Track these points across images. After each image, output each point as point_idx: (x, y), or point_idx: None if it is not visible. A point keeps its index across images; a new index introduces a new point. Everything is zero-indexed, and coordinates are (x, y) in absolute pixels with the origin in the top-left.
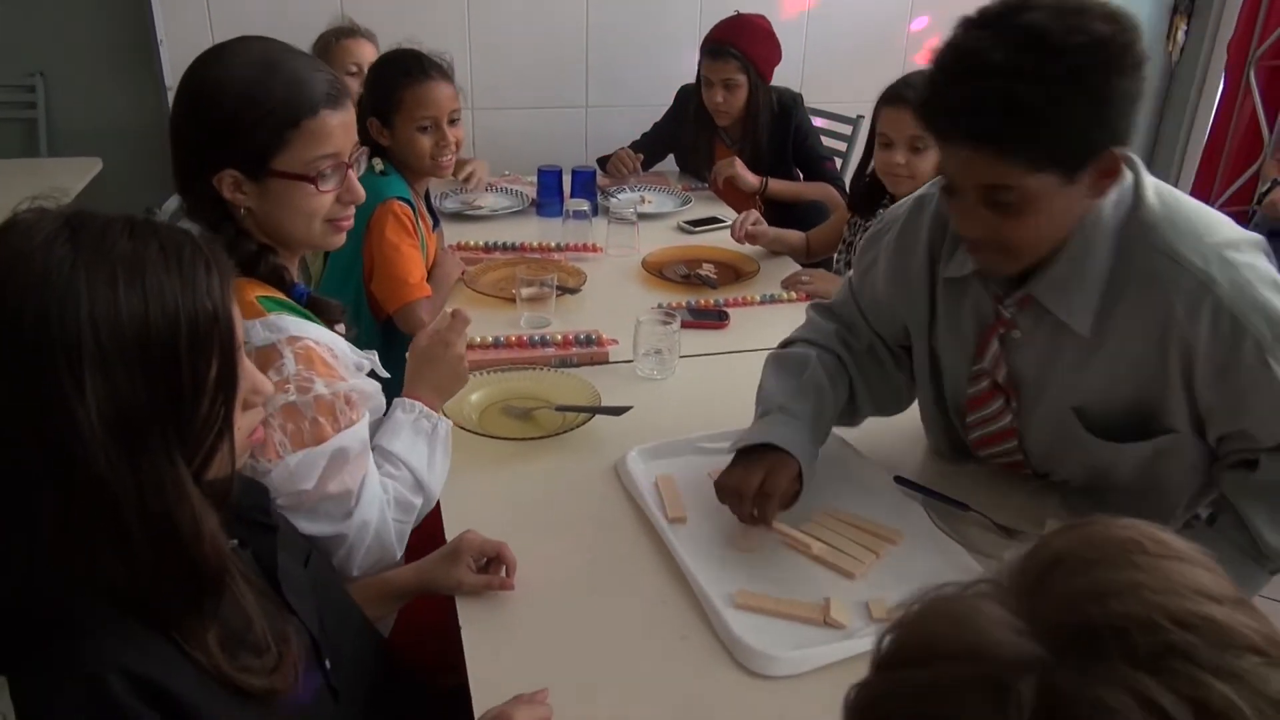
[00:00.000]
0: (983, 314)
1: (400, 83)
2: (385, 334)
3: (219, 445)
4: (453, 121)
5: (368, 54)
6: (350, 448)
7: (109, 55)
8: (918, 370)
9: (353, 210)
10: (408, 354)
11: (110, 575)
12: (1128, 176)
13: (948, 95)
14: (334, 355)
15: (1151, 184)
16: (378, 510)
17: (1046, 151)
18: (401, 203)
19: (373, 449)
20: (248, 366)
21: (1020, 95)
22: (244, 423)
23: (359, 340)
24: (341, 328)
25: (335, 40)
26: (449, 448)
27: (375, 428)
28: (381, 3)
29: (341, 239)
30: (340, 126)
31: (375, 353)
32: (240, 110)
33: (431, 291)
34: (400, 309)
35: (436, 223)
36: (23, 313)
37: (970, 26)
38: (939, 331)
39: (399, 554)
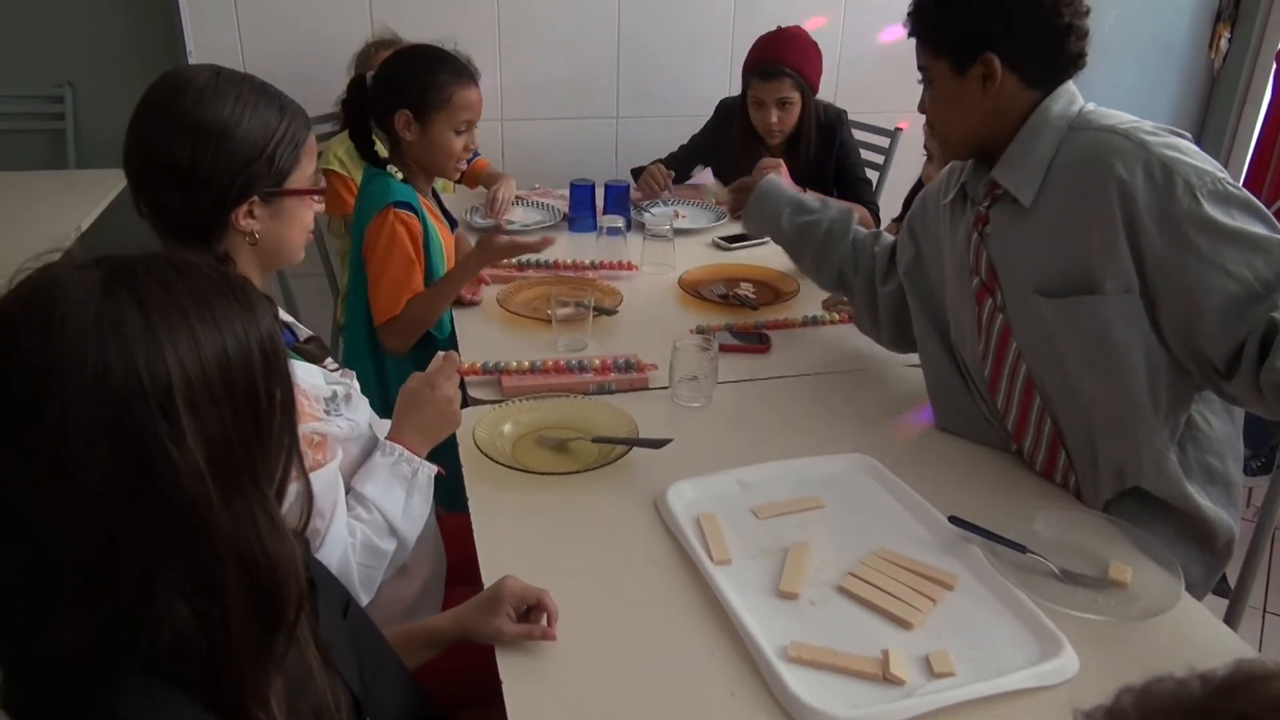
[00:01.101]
0: (970, 225)
1: (452, 83)
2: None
3: (290, 466)
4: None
5: None
6: (316, 491)
7: (138, 66)
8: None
9: None
10: (398, 395)
11: (183, 629)
12: (1078, 98)
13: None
14: (304, 395)
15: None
16: (340, 553)
17: (938, 41)
18: (402, 208)
19: (348, 490)
20: None
21: (929, 3)
22: None
23: (385, 355)
24: (332, 362)
25: (376, 50)
26: (429, 494)
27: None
28: (412, 13)
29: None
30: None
31: (354, 373)
32: (263, 139)
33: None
34: (383, 325)
35: (454, 224)
36: (110, 370)
37: None
38: (941, 258)
39: (364, 600)
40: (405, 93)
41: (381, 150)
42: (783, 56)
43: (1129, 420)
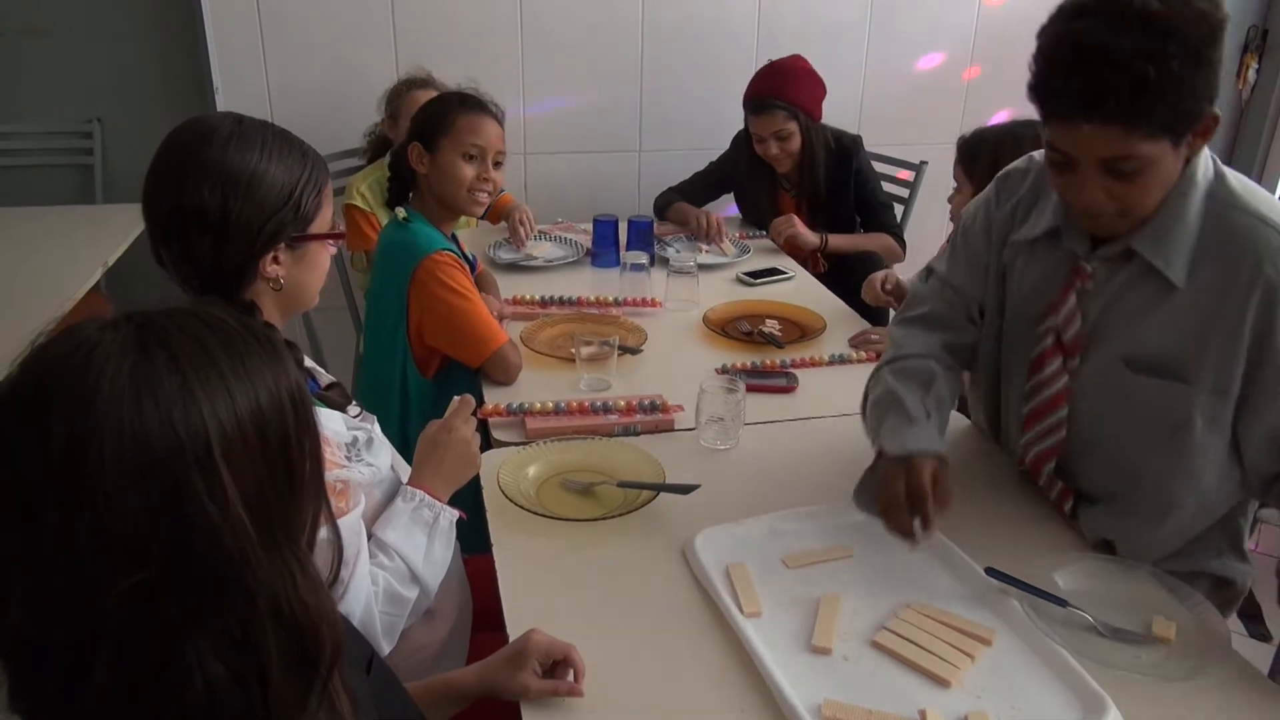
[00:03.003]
0: (1052, 272)
1: (456, 109)
2: (437, 390)
3: (319, 515)
4: (497, 164)
5: None
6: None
7: (166, 103)
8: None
9: None
10: (418, 441)
11: (217, 687)
12: (1207, 152)
13: (1071, 80)
14: (327, 441)
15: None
16: (363, 603)
17: (1165, 122)
18: (446, 251)
19: (369, 537)
20: None
21: (1145, 76)
22: None
23: (411, 399)
24: (354, 408)
25: (407, 90)
26: (452, 539)
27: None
28: (437, 50)
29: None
30: None
31: (374, 417)
32: (290, 185)
33: None
34: (489, 359)
35: (474, 268)
36: (148, 430)
37: (1075, 15)
38: (1009, 295)
39: (386, 649)
40: (416, 127)
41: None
42: (771, 90)
43: (1166, 513)
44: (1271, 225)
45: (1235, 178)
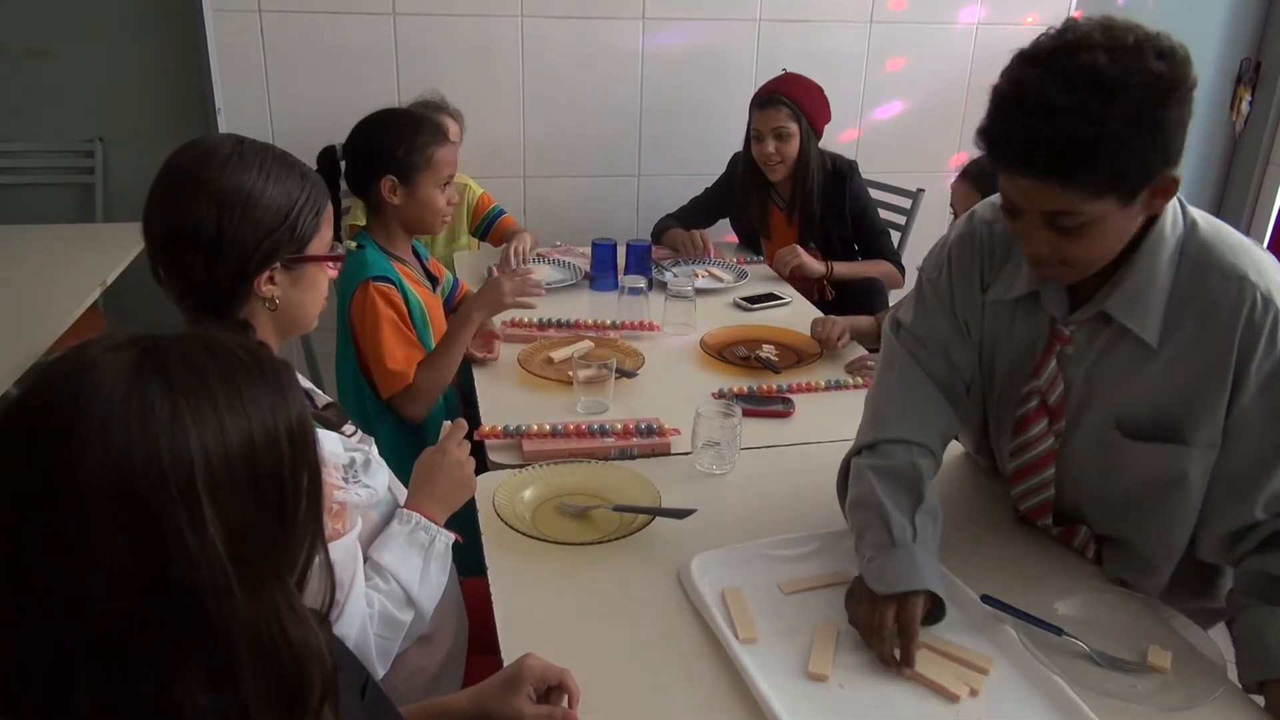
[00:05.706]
0: (1034, 334)
1: (431, 143)
2: (397, 415)
3: (313, 554)
4: None
5: (452, 131)
6: (334, 560)
7: (168, 123)
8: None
9: None
10: (414, 467)
11: (201, 719)
12: (1175, 201)
13: (1011, 129)
14: (324, 463)
15: (1193, 208)
16: (359, 626)
17: (1105, 182)
18: (380, 281)
19: (365, 559)
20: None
21: (1082, 135)
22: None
23: (371, 419)
24: (350, 427)
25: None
26: (448, 562)
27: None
28: (439, 71)
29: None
30: None
31: (372, 439)
32: (286, 206)
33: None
34: (391, 398)
35: (436, 283)
36: (131, 455)
37: (1028, 63)
38: (985, 355)
39: (381, 672)
40: (388, 159)
41: (358, 218)
42: (782, 90)
43: (1156, 556)
44: (1247, 282)
45: (1206, 225)
